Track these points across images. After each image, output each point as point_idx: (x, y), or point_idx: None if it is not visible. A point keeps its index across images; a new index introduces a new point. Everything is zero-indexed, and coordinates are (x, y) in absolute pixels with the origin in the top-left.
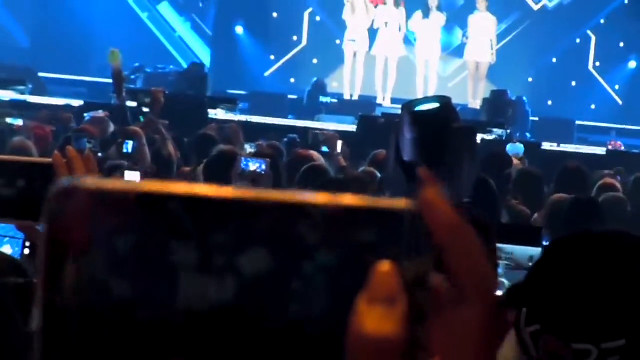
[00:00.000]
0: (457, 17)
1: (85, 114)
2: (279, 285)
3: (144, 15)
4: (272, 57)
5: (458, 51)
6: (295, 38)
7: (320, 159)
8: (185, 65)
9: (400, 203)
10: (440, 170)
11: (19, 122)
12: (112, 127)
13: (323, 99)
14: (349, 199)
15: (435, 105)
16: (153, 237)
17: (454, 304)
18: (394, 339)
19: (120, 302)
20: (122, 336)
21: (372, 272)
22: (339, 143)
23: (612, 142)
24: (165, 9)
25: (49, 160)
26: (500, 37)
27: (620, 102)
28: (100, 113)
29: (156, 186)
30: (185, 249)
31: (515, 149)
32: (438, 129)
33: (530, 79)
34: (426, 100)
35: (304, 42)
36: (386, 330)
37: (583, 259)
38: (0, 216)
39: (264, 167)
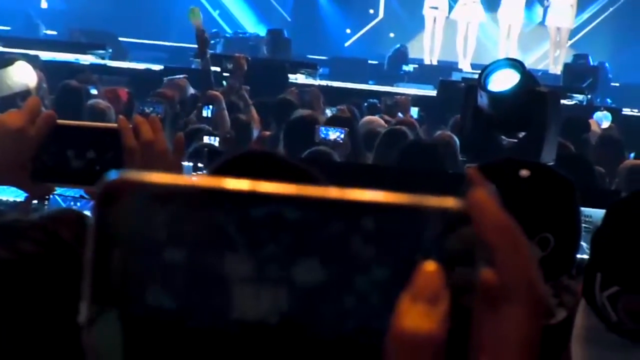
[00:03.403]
0: None
1: (165, 78)
2: (332, 297)
3: None
4: (348, 31)
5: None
6: (371, 11)
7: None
8: (262, 32)
9: (449, 202)
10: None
11: (94, 92)
12: (191, 90)
13: (404, 68)
14: (402, 199)
15: (516, 75)
16: (203, 244)
17: (500, 303)
18: (434, 337)
19: (168, 308)
20: (170, 342)
21: (417, 272)
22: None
23: None
24: None
25: (115, 126)
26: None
27: None
28: (181, 77)
29: (206, 183)
30: (238, 257)
31: (602, 116)
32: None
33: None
34: (502, 64)
35: (381, 14)
36: (426, 328)
37: None
38: (72, 183)
39: (342, 136)
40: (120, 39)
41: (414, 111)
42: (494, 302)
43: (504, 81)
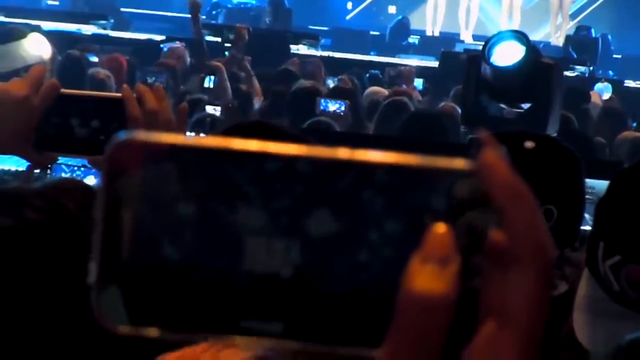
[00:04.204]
0: None
1: (162, 45)
2: (344, 250)
3: None
4: (350, 6)
5: None
6: None
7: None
8: (263, 2)
9: (460, 163)
10: (529, 108)
11: (95, 59)
12: (189, 59)
13: (406, 36)
14: (412, 159)
15: (520, 48)
16: (215, 197)
17: (509, 264)
18: (445, 297)
19: (179, 262)
20: (181, 295)
21: (427, 233)
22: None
23: None
24: None
25: (119, 95)
26: None
27: None
28: (177, 44)
29: (216, 142)
30: (249, 209)
31: (603, 88)
32: (524, 72)
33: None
34: (506, 36)
35: None
36: (437, 289)
37: None
38: (75, 152)
39: (343, 108)
40: (122, 9)
41: (419, 82)
42: (502, 264)
43: (508, 54)
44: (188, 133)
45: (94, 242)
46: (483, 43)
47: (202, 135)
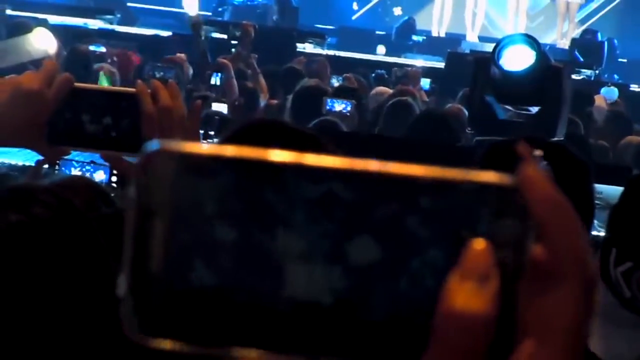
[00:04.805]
0: None
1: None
2: (386, 277)
3: None
4: (355, 7)
5: None
6: None
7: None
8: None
9: (500, 177)
10: (538, 112)
11: (102, 49)
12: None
13: (413, 38)
14: (454, 174)
15: (531, 53)
16: (254, 220)
17: (550, 281)
18: (484, 315)
19: (214, 285)
20: (215, 319)
21: (466, 250)
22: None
23: None
24: None
25: (133, 90)
26: None
27: None
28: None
29: (253, 153)
30: (290, 235)
31: (609, 92)
32: (534, 77)
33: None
34: (517, 40)
35: None
36: (477, 307)
37: None
38: (87, 147)
39: (349, 108)
40: (129, 4)
41: (425, 82)
42: (542, 281)
43: (518, 58)
44: None
45: (125, 254)
46: (489, 44)
47: (210, 133)
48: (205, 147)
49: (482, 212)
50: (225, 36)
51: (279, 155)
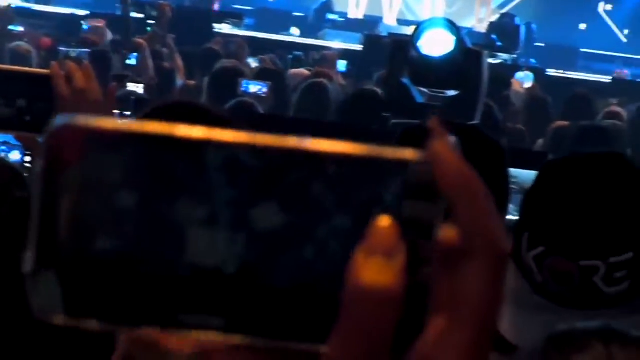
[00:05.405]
0: None
1: (83, 22)
2: (291, 244)
3: None
4: None
5: None
6: None
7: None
8: None
9: (409, 153)
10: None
11: (20, 29)
12: (110, 36)
13: (330, 16)
14: (362, 149)
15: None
16: (156, 188)
17: (460, 258)
18: (392, 290)
19: (117, 253)
20: (119, 287)
21: (371, 226)
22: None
23: (618, 71)
24: None
25: (48, 72)
26: None
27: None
28: (99, 21)
29: (159, 128)
30: (192, 201)
31: (524, 76)
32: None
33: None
34: (436, 23)
35: None
36: (384, 282)
37: (583, 178)
38: (2, 129)
39: (264, 89)
40: None
41: (342, 65)
42: (453, 258)
43: (438, 42)
44: None
45: (31, 230)
46: (407, 27)
47: (126, 113)
48: (109, 122)
49: (391, 188)
50: (142, 15)
51: (182, 129)
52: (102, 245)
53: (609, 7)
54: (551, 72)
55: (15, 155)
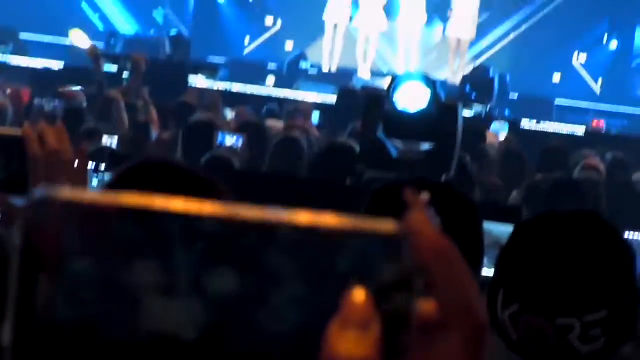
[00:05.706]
0: None
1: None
2: (247, 310)
3: None
4: (247, 41)
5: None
6: (269, 20)
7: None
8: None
9: (385, 225)
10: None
11: None
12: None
13: (304, 65)
14: (327, 220)
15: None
16: (115, 256)
17: (438, 330)
18: None
19: (86, 321)
20: (88, 355)
21: (345, 299)
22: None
23: (595, 121)
24: None
25: (19, 132)
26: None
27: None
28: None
29: (120, 199)
30: (149, 268)
31: (500, 126)
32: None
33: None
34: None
35: (279, 25)
36: (360, 353)
37: (557, 237)
38: None
39: (240, 142)
40: (22, 34)
41: (315, 115)
42: (431, 331)
43: (413, 96)
44: None
45: (9, 304)
46: (381, 79)
47: (102, 165)
48: (84, 194)
49: (368, 259)
50: (116, 66)
51: (143, 199)
52: (61, 314)
53: (582, 57)
54: (525, 124)
55: None
